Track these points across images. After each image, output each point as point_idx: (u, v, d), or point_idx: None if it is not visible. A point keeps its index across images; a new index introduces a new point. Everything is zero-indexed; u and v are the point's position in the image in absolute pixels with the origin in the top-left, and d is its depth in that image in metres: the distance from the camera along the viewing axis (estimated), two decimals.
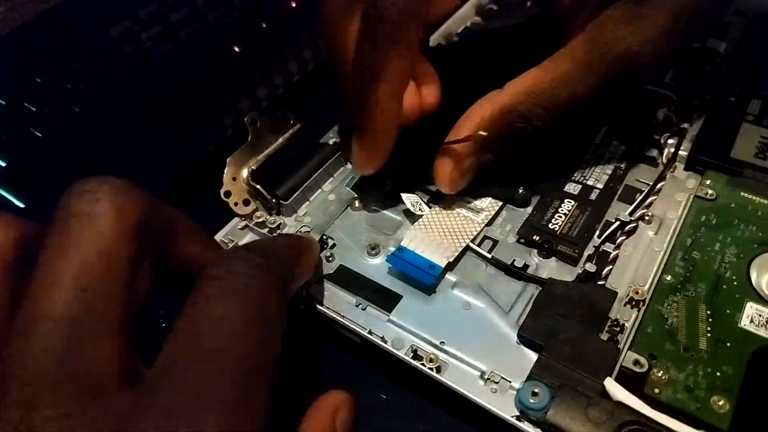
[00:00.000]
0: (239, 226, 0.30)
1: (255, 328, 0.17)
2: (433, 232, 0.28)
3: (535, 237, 0.28)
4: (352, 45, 0.25)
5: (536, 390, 0.22)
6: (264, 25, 0.44)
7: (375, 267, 0.28)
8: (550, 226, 0.28)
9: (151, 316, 0.26)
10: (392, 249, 0.28)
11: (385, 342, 0.24)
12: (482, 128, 0.26)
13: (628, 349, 0.23)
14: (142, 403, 0.15)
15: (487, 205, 0.29)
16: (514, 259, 0.27)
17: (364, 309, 0.26)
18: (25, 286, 0.16)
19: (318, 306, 0.26)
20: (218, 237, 0.29)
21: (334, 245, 0.29)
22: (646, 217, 0.28)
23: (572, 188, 0.30)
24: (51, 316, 0.15)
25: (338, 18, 0.26)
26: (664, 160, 0.31)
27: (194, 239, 0.21)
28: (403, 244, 0.27)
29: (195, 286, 0.17)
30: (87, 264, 0.16)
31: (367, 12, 0.23)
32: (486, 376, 0.23)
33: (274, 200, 0.30)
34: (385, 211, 0.30)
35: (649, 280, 0.26)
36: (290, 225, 0.30)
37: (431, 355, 0.24)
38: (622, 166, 0.31)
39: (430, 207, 0.29)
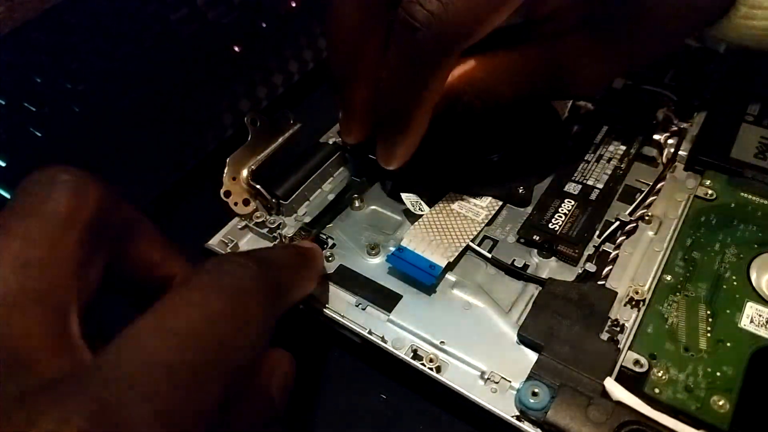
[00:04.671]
0: (239, 226, 0.29)
1: (226, 326, 0.15)
2: (433, 232, 0.28)
3: (535, 237, 0.28)
4: (368, 51, 0.25)
5: (536, 390, 0.22)
6: (264, 25, 0.44)
7: (375, 267, 0.28)
8: (550, 226, 0.28)
9: None
10: (392, 249, 0.28)
11: (385, 342, 0.24)
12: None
13: (628, 349, 0.23)
14: (61, 379, 0.13)
15: (487, 205, 0.29)
16: (514, 259, 0.27)
17: (364, 309, 0.26)
18: None
19: (318, 306, 0.26)
20: (218, 237, 0.29)
21: (334, 245, 0.29)
22: (646, 217, 0.28)
23: (572, 188, 0.30)
24: None
25: (352, 23, 0.24)
26: (664, 160, 0.31)
27: (153, 244, 0.20)
28: (403, 244, 0.27)
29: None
30: (31, 241, 0.15)
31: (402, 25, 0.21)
32: (486, 376, 0.23)
33: (274, 200, 0.30)
34: (385, 211, 0.30)
35: (649, 280, 0.26)
36: (290, 225, 0.30)
37: (431, 355, 0.24)
38: (622, 166, 0.31)
39: (430, 207, 0.29)
